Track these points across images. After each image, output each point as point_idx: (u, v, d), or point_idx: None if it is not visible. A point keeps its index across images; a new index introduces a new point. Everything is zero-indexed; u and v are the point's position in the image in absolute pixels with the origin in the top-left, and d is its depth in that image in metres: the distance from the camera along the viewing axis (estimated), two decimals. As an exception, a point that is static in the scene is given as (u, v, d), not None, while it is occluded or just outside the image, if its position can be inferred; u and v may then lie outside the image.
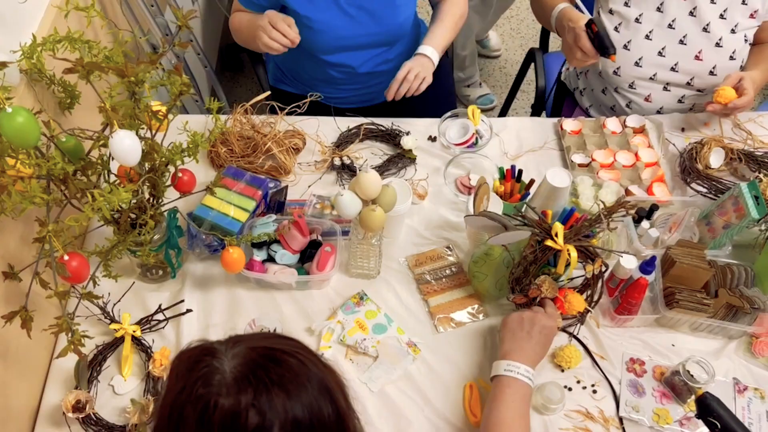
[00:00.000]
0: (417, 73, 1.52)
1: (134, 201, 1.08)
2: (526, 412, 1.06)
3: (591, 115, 1.85)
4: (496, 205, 1.30)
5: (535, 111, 2.11)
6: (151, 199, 1.16)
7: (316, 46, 1.62)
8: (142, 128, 1.05)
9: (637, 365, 1.25)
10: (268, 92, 1.45)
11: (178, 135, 1.17)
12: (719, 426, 1.03)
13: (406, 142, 1.52)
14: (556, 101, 2.04)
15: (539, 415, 1.19)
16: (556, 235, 1.11)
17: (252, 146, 1.42)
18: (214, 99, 1.12)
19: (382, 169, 1.52)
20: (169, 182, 1.18)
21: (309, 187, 1.49)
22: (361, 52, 1.66)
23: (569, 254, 1.13)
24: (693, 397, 1.18)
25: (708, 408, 1.05)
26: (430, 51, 1.57)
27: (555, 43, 2.73)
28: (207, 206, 1.31)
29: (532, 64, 2.09)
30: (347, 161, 1.51)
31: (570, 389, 1.22)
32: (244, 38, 1.61)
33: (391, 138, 1.58)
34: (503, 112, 2.45)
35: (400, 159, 1.54)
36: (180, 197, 1.23)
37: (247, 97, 1.83)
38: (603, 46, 1.49)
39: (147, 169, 1.06)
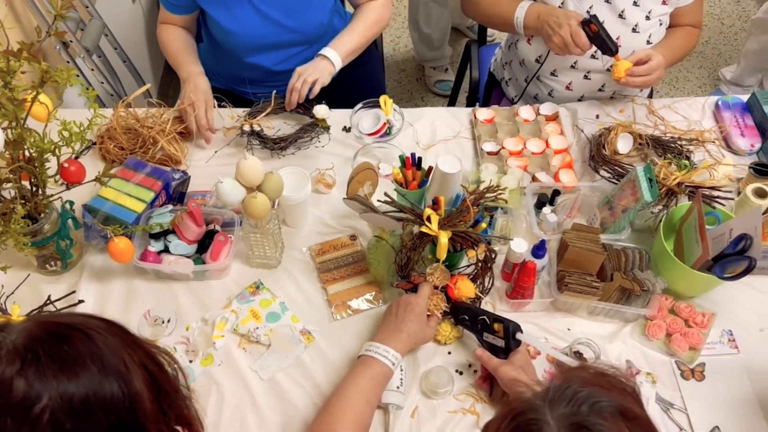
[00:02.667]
0: (306, 79, 1.50)
1: (8, 188, 1.08)
2: (371, 388, 1.08)
3: (516, 104, 1.86)
4: (391, 192, 1.30)
5: (470, 102, 2.12)
6: (34, 188, 1.16)
7: (232, 47, 1.64)
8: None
9: (531, 347, 1.25)
10: (149, 85, 1.45)
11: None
12: (467, 316, 1.20)
13: (318, 111, 1.52)
14: (486, 92, 2.04)
15: (428, 399, 1.19)
16: (429, 220, 1.11)
17: (139, 139, 1.42)
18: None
19: (295, 137, 1.52)
20: (53, 172, 1.17)
21: (216, 152, 1.50)
22: (278, 51, 1.65)
23: (450, 241, 1.13)
24: None
25: (457, 312, 1.22)
26: (332, 54, 1.56)
27: (493, 35, 2.74)
28: (103, 197, 1.31)
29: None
30: (257, 128, 1.51)
31: (461, 373, 1.22)
32: (170, 63, 1.64)
33: (306, 111, 1.58)
34: (452, 102, 2.46)
35: (312, 128, 1.54)
36: (68, 188, 1.23)
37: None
38: (605, 46, 1.48)
39: (18, 158, 1.06)
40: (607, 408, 0.67)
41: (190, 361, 1.22)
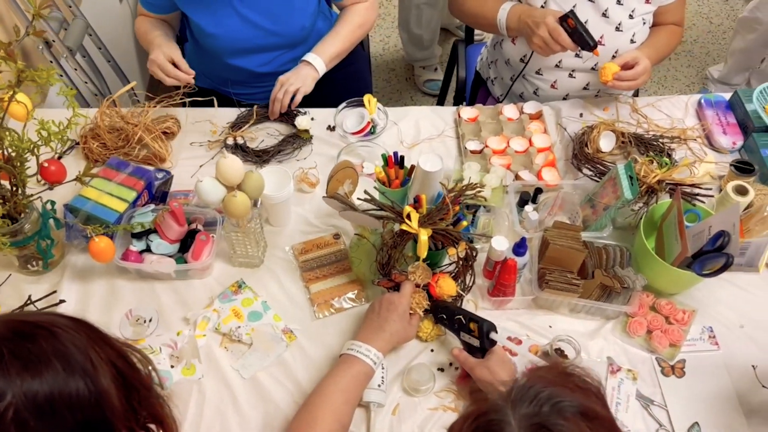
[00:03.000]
0: (287, 89, 1.51)
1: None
2: (352, 387, 1.08)
3: (501, 103, 1.86)
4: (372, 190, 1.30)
5: (458, 101, 2.13)
6: (14, 188, 1.15)
7: (215, 50, 1.64)
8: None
9: (514, 343, 1.25)
10: (134, 83, 1.45)
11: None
12: (445, 315, 1.20)
13: (301, 122, 1.52)
14: (473, 91, 2.05)
15: (409, 396, 1.19)
16: (409, 218, 1.11)
17: (124, 137, 1.42)
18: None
19: (277, 149, 1.52)
20: (33, 172, 1.17)
21: (201, 166, 1.49)
22: (261, 54, 1.65)
23: (431, 239, 1.13)
24: None
25: (435, 311, 1.23)
26: (315, 59, 1.56)
27: (481, 34, 2.75)
28: (84, 197, 1.31)
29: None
30: (240, 141, 1.51)
31: (442, 370, 1.23)
32: (144, 47, 1.63)
33: (290, 119, 1.58)
34: (440, 101, 2.47)
35: (295, 139, 1.54)
36: (50, 188, 1.23)
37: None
38: (583, 41, 1.47)
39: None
40: (568, 408, 0.67)
41: (172, 366, 1.21)
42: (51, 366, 0.62)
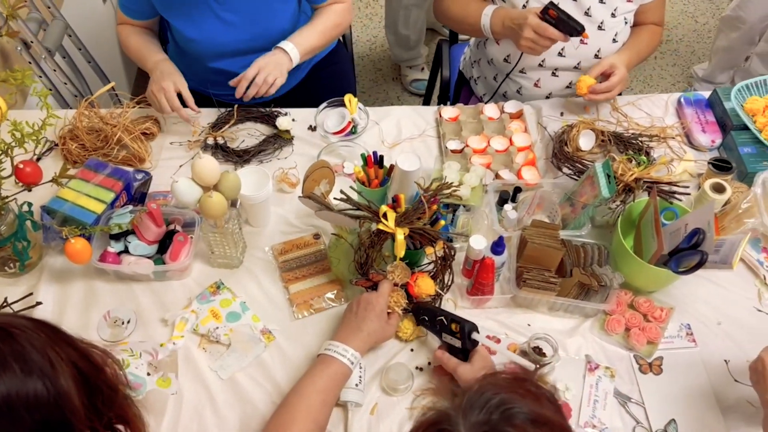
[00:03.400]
0: (266, 76, 1.49)
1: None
2: (329, 388, 1.08)
3: (484, 102, 1.86)
4: (348, 190, 1.30)
5: (442, 101, 2.13)
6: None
7: (195, 53, 1.64)
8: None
9: (493, 341, 1.26)
10: (113, 83, 1.44)
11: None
12: (427, 317, 1.19)
13: (282, 123, 1.52)
14: (457, 91, 2.05)
15: (387, 396, 1.19)
16: (386, 217, 1.11)
17: (102, 138, 1.42)
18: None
19: (258, 150, 1.52)
20: (8, 173, 1.17)
21: (181, 166, 1.49)
22: (241, 57, 1.65)
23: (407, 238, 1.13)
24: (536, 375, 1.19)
25: (417, 313, 1.22)
26: (290, 47, 1.54)
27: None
28: (61, 198, 1.31)
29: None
30: (221, 141, 1.51)
31: (421, 369, 1.23)
32: (135, 61, 1.63)
33: (270, 120, 1.58)
34: (426, 100, 2.47)
35: (276, 140, 1.54)
36: (29, 189, 1.22)
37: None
38: (570, 27, 1.45)
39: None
40: (518, 414, 0.67)
41: (148, 374, 1.19)
42: (8, 367, 0.62)
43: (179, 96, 1.49)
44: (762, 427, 1.03)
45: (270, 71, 1.50)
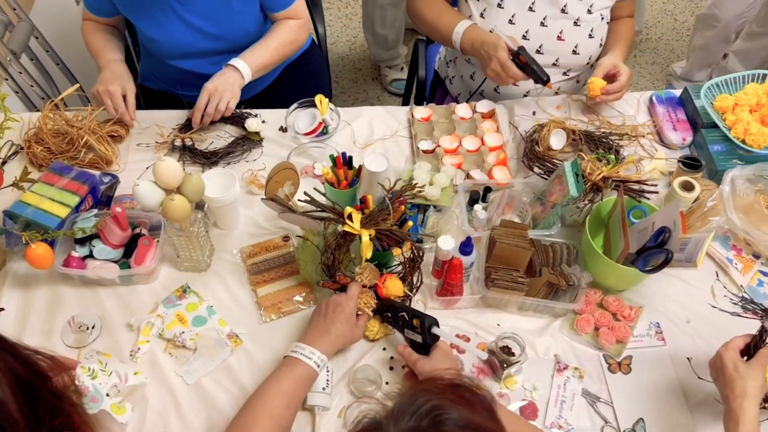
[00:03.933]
0: (218, 103, 1.48)
1: None
2: (293, 390, 1.07)
3: (459, 102, 1.86)
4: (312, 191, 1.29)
5: (419, 101, 2.12)
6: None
7: (161, 53, 1.62)
8: None
9: (463, 340, 1.25)
10: (78, 84, 1.43)
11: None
12: (390, 314, 1.20)
13: (251, 124, 1.51)
14: (432, 90, 2.04)
15: (356, 398, 1.18)
16: (351, 219, 1.10)
17: (68, 141, 1.40)
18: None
19: (227, 151, 1.51)
20: (-34, 178, 1.15)
21: (147, 168, 1.47)
22: (205, 58, 1.63)
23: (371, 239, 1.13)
24: (503, 374, 1.19)
25: (381, 310, 1.22)
26: (242, 65, 1.52)
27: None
28: (24, 202, 1.28)
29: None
30: (189, 143, 1.49)
31: (392, 368, 1.22)
32: (93, 57, 1.61)
33: (240, 121, 1.56)
34: (405, 100, 2.46)
35: (245, 141, 1.53)
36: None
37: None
38: (536, 75, 1.48)
39: None
40: (448, 421, 0.67)
41: (107, 395, 1.08)
42: None
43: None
44: (723, 423, 1.03)
45: (221, 94, 1.48)
